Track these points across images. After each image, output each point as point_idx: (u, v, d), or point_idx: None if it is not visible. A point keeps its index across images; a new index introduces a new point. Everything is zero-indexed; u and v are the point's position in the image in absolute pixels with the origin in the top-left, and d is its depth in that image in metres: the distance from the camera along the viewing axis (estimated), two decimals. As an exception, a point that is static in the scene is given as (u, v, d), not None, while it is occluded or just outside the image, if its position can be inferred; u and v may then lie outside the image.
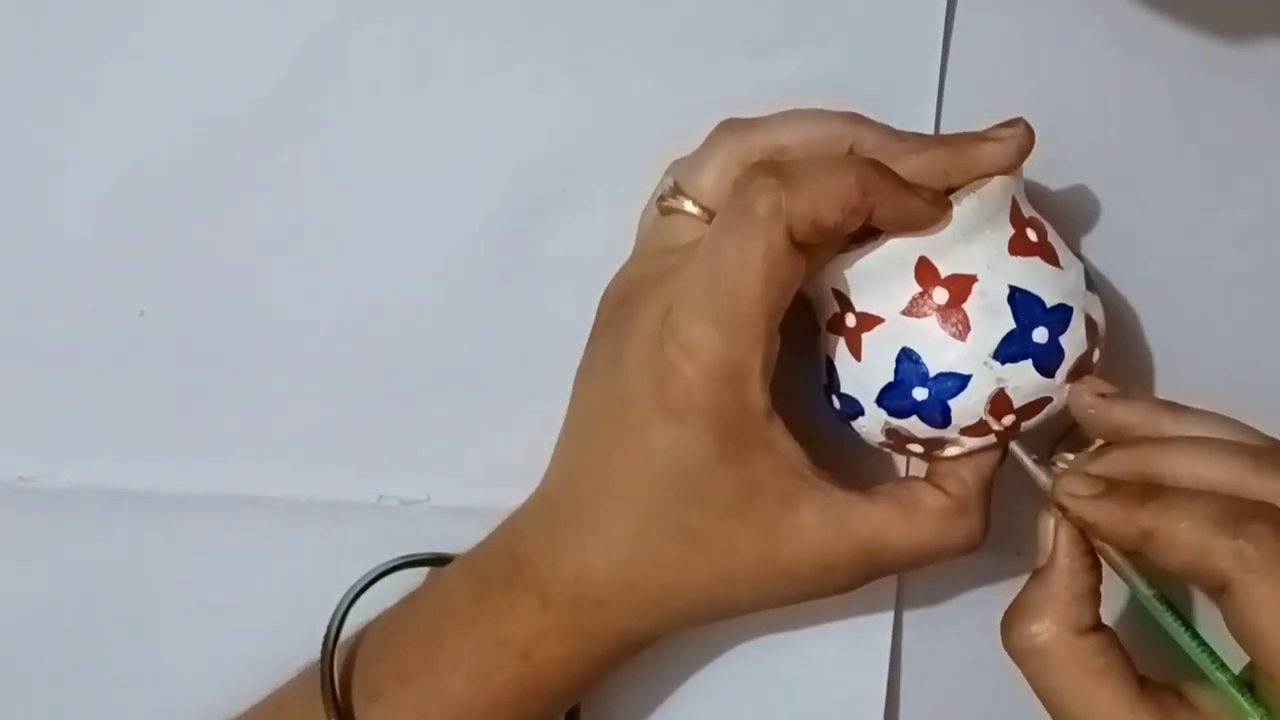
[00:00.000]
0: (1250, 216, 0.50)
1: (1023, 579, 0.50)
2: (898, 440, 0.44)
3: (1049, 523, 0.42)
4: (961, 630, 0.50)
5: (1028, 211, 0.44)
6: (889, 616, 0.50)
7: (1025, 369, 0.42)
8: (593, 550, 0.43)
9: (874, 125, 0.45)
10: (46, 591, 0.48)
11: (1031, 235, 0.43)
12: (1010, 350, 0.42)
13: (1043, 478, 0.43)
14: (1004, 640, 0.42)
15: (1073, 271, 0.43)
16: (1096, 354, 0.44)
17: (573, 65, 0.48)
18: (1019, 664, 0.42)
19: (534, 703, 0.44)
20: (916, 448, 0.44)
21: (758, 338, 0.40)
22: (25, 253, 0.47)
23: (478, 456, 0.47)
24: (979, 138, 0.43)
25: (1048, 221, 0.44)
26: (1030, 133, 0.43)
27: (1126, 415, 0.43)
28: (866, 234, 0.42)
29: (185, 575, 0.48)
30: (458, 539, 0.46)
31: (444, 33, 0.47)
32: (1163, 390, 0.50)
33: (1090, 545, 0.42)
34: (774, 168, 0.41)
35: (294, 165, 0.47)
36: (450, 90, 0.48)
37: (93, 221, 0.47)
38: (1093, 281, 0.44)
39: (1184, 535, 0.38)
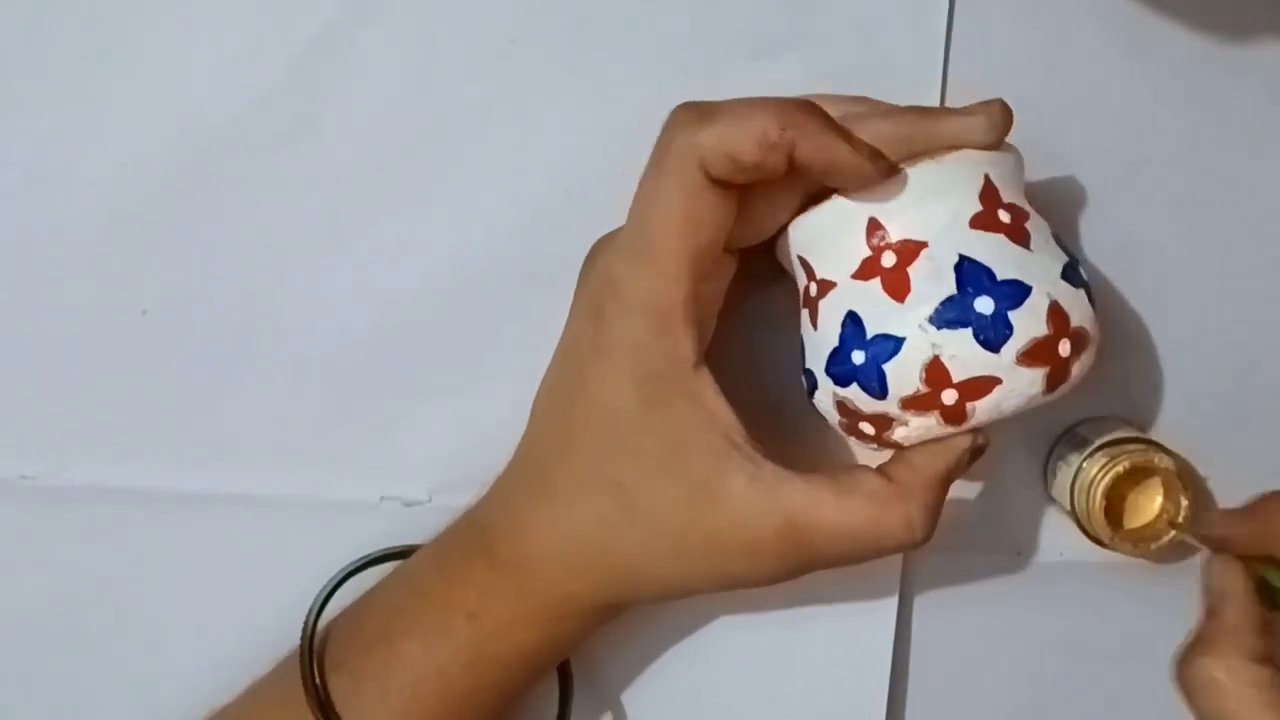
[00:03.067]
0: (1248, 214, 0.50)
1: (1022, 578, 0.50)
2: (850, 419, 0.43)
3: (1213, 563, 0.43)
4: (963, 628, 0.50)
5: (1011, 198, 0.42)
6: (891, 615, 0.50)
7: (963, 337, 0.40)
8: (539, 507, 0.43)
9: (867, 101, 0.44)
10: (48, 589, 0.48)
11: (1003, 216, 0.41)
12: (948, 315, 0.40)
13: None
14: (1179, 675, 0.41)
15: (1044, 258, 0.41)
16: (1065, 348, 0.41)
17: (574, 65, 0.48)
18: (1191, 697, 0.41)
19: (487, 670, 0.43)
20: (868, 428, 0.43)
21: (679, 275, 0.40)
22: (27, 252, 0.47)
23: (478, 457, 0.47)
24: (950, 111, 0.42)
25: (1046, 220, 0.43)
26: (1005, 113, 0.41)
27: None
28: (825, 196, 0.42)
29: (186, 574, 0.48)
30: (458, 538, 0.47)
31: (446, 33, 0.47)
32: (1160, 389, 0.51)
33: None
34: (695, 106, 0.40)
35: (296, 165, 0.47)
36: (452, 90, 0.48)
37: (95, 221, 0.47)
38: (1082, 280, 0.42)
39: None
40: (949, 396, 0.41)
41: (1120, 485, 0.47)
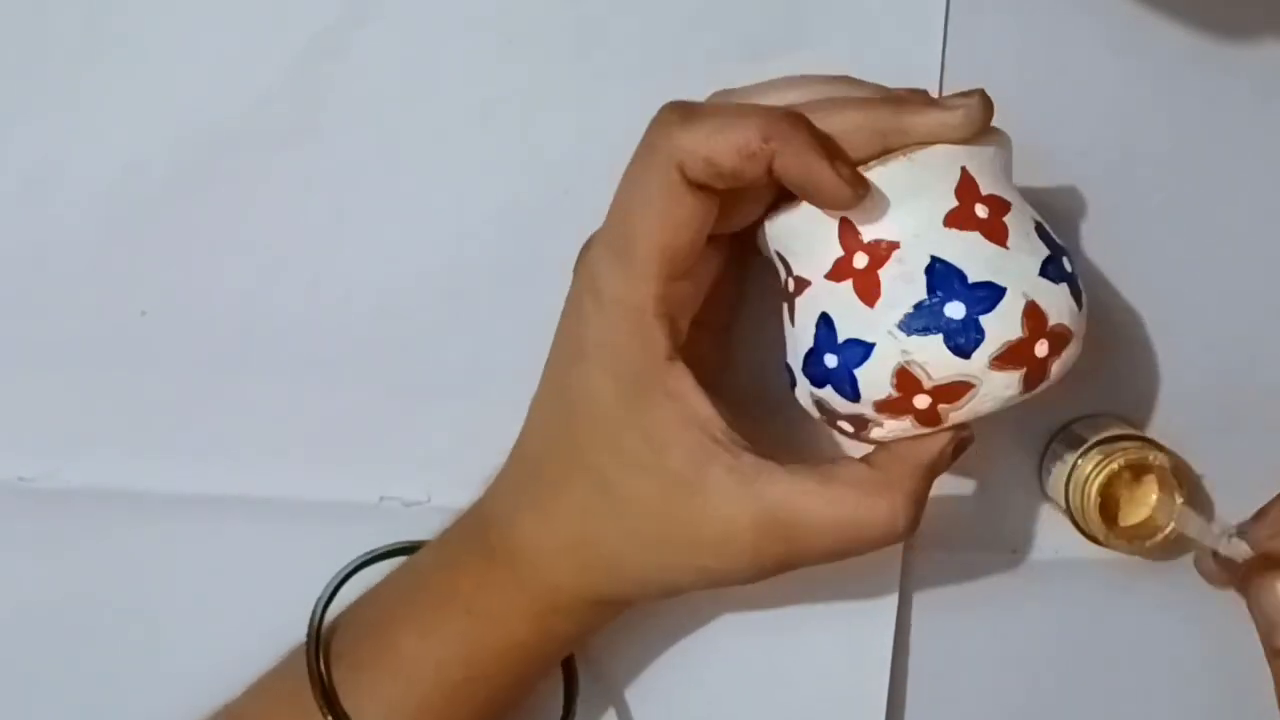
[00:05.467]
0: (1245, 214, 0.51)
1: (1018, 576, 0.51)
2: (829, 416, 0.42)
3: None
4: (960, 626, 0.50)
5: (990, 189, 0.41)
6: (891, 614, 0.50)
7: (933, 344, 0.39)
8: (529, 500, 0.43)
9: (855, 82, 0.42)
10: (47, 591, 0.48)
11: (980, 211, 0.40)
12: (918, 322, 0.39)
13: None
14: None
15: (1021, 255, 0.40)
16: (1042, 348, 0.40)
17: (573, 65, 0.48)
18: None
19: (482, 662, 0.43)
20: (846, 426, 0.42)
21: (653, 274, 0.40)
22: (26, 253, 0.47)
23: (478, 457, 0.47)
24: (927, 103, 0.41)
25: (1031, 207, 0.42)
26: (984, 105, 0.40)
27: None
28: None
29: (185, 575, 0.48)
30: (458, 538, 0.47)
31: (445, 33, 0.47)
32: (1155, 388, 0.51)
33: None
34: (681, 106, 0.40)
35: (295, 166, 0.47)
36: (451, 91, 0.48)
37: (94, 222, 0.47)
38: (1064, 274, 0.41)
39: None
40: (921, 401, 0.40)
41: (1115, 483, 0.48)
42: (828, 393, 0.41)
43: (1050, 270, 0.40)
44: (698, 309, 0.44)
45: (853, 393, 0.41)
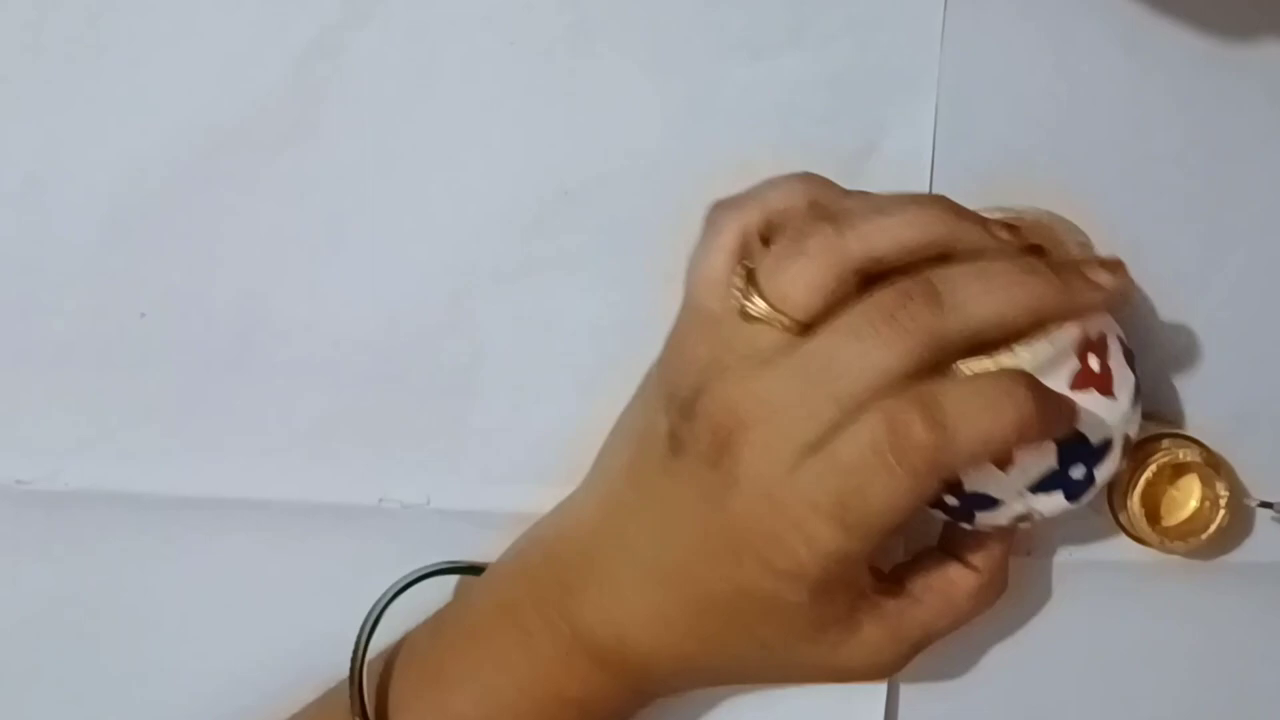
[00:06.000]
0: (1253, 216, 0.50)
1: (1033, 580, 0.50)
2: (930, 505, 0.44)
3: None
4: (972, 628, 0.49)
5: (1095, 331, 0.42)
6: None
7: (1055, 498, 0.42)
8: (653, 608, 0.42)
9: (969, 225, 0.41)
10: (45, 595, 0.48)
11: (1094, 364, 0.41)
12: (1046, 486, 0.42)
13: None
14: None
15: (1123, 396, 0.42)
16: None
17: (572, 66, 0.47)
18: None
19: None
20: (941, 515, 0.44)
21: (876, 541, 0.40)
22: (25, 254, 0.47)
23: (477, 459, 0.47)
24: (1081, 279, 0.40)
25: (1116, 329, 0.43)
26: (1129, 283, 0.41)
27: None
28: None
29: (184, 578, 0.48)
30: (458, 541, 0.46)
31: (444, 34, 0.47)
32: (1172, 388, 0.50)
33: None
34: (928, 408, 0.38)
35: (294, 167, 0.47)
36: (451, 92, 0.47)
37: (93, 223, 0.47)
38: (1139, 395, 0.43)
39: None
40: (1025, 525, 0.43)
41: (1154, 487, 0.48)
42: (936, 513, 0.44)
43: (1135, 396, 0.43)
44: None
45: (969, 522, 0.43)
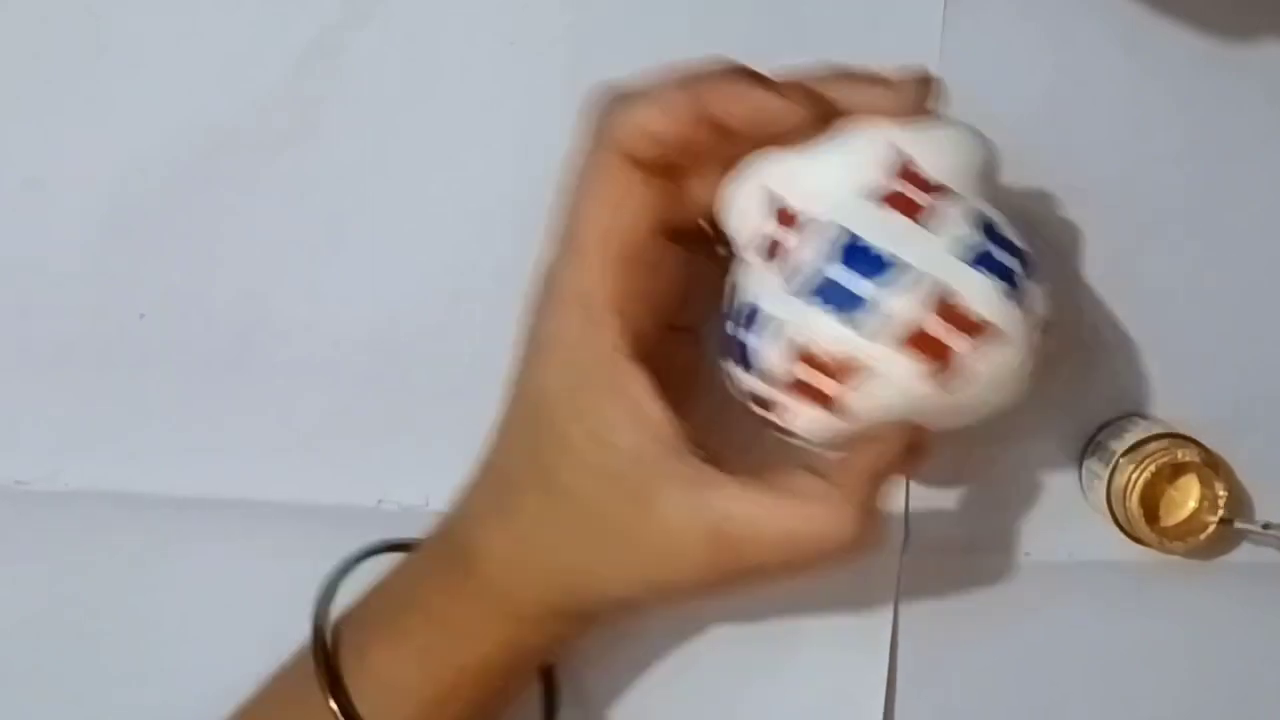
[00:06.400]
0: (1253, 216, 0.50)
1: (1032, 581, 0.50)
2: (742, 396, 0.41)
3: None
4: (969, 630, 0.49)
5: (932, 176, 0.39)
6: (889, 616, 0.49)
7: (825, 314, 0.38)
8: (494, 504, 0.42)
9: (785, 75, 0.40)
10: (45, 595, 0.47)
11: (909, 192, 0.38)
12: (812, 289, 0.38)
13: None
14: None
15: (945, 239, 0.38)
16: (959, 342, 0.38)
17: (573, 66, 0.47)
18: None
19: (448, 678, 0.42)
20: (761, 411, 0.40)
21: (604, 265, 0.39)
22: (25, 254, 0.47)
23: (476, 460, 0.47)
24: (865, 79, 0.39)
25: (1001, 212, 0.39)
26: (922, 84, 0.38)
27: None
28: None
29: (184, 579, 0.48)
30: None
31: (444, 35, 0.47)
32: (1165, 391, 0.50)
33: None
34: (614, 87, 0.39)
35: (294, 168, 0.47)
36: (451, 92, 0.48)
37: (93, 224, 0.47)
38: (1000, 270, 0.38)
39: None
40: (822, 383, 0.38)
41: (1153, 487, 0.47)
42: (729, 366, 0.40)
43: (983, 262, 0.38)
44: (672, 311, 0.42)
45: (745, 361, 0.39)
